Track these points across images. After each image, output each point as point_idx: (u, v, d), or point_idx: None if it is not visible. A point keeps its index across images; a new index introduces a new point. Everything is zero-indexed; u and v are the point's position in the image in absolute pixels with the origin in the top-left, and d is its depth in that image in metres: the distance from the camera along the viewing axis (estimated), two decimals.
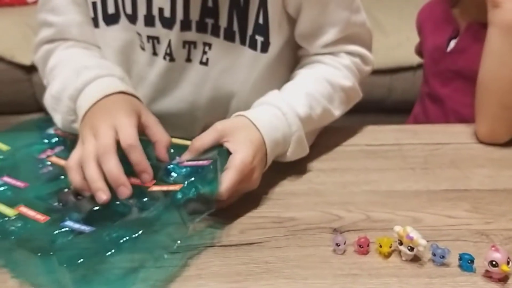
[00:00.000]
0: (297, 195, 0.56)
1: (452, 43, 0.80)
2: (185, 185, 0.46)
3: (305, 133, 0.58)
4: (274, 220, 0.52)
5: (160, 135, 0.52)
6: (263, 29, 0.61)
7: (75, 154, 0.49)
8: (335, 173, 0.60)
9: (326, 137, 0.66)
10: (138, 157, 0.48)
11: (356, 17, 0.65)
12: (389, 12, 1.29)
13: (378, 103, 1.24)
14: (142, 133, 0.52)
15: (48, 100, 0.61)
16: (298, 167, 0.60)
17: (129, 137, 0.49)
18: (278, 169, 0.58)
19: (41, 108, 1.34)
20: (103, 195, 0.46)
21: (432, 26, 0.84)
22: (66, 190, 0.49)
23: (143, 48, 0.64)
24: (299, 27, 0.64)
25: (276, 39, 0.62)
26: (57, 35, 0.66)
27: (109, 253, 0.39)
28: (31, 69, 1.29)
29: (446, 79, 0.81)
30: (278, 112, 0.57)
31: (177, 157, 0.52)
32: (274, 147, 0.55)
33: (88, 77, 0.57)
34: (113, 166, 0.46)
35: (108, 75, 0.59)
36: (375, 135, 0.69)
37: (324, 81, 0.63)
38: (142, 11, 0.61)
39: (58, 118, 0.60)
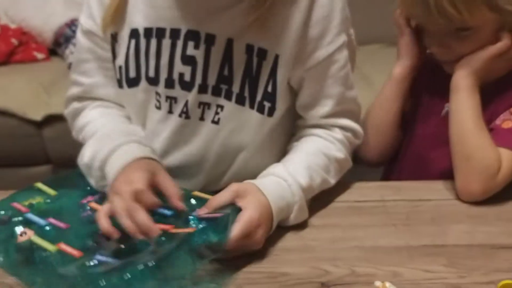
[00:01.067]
0: (290, 251, 0.62)
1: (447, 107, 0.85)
2: (198, 229, 0.56)
3: (306, 200, 0.67)
4: (269, 275, 0.57)
5: (171, 190, 0.62)
6: (271, 96, 0.70)
7: (105, 207, 0.61)
8: (326, 229, 0.67)
9: (321, 193, 0.72)
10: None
11: (349, 93, 0.74)
12: (379, 69, 1.36)
13: None
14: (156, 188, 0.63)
15: (82, 166, 0.71)
16: (296, 224, 0.66)
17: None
18: (277, 226, 0.64)
19: (49, 161, 1.43)
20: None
21: (428, 89, 0.88)
22: (100, 232, 0.59)
23: (158, 107, 0.72)
24: (300, 98, 0.73)
25: (281, 105, 0.71)
26: (85, 93, 0.77)
27: (127, 277, 0.50)
28: (42, 124, 1.37)
29: (438, 143, 0.84)
30: (284, 183, 0.66)
31: (197, 209, 0.61)
32: (279, 213, 0.64)
33: (111, 148, 0.68)
34: (143, 218, 0.57)
35: (128, 142, 0.69)
36: (362, 191, 0.75)
37: (321, 154, 0.71)
38: (164, 75, 0.70)
39: (92, 181, 0.70)
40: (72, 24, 1.62)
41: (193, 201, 0.63)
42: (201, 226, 0.56)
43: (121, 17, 0.70)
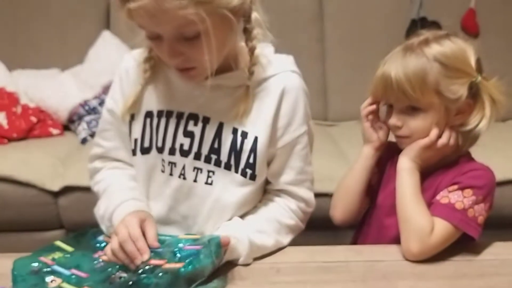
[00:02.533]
0: None
1: None
2: (185, 263, 0.76)
3: (263, 248, 0.89)
4: None
5: (150, 233, 0.83)
6: (252, 165, 0.89)
7: (113, 245, 0.82)
8: (298, 285, 0.82)
9: (295, 254, 0.90)
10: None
11: (307, 167, 0.95)
12: (353, 145, 1.55)
13: None
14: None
15: (98, 216, 0.94)
16: (273, 281, 0.83)
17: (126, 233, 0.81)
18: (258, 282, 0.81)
19: (62, 226, 1.56)
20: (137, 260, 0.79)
21: (388, 166, 1.04)
22: (113, 275, 0.78)
23: (163, 171, 0.92)
24: (270, 168, 0.93)
25: (260, 173, 0.91)
26: (104, 154, 0.99)
27: None
28: (58, 194, 1.50)
29: (394, 211, 0.95)
30: (239, 240, 0.87)
31: (181, 244, 0.80)
32: (231, 255, 0.85)
33: (116, 204, 0.89)
34: (130, 248, 0.79)
35: (128, 199, 0.90)
36: (330, 253, 0.92)
37: (275, 221, 0.92)
38: (168, 145, 0.91)
39: (103, 227, 0.92)
40: (85, 104, 1.82)
41: (181, 245, 0.82)
42: (186, 261, 0.76)
43: (138, 103, 0.92)
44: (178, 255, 0.78)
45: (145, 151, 0.92)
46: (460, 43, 0.92)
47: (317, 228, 1.07)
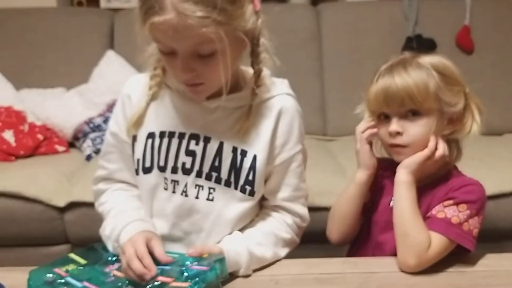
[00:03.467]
0: None
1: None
2: (192, 283, 0.78)
3: (262, 259, 0.93)
4: None
5: (158, 251, 0.85)
6: (251, 182, 0.93)
7: (123, 263, 0.85)
8: None
9: (294, 266, 0.94)
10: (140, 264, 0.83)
11: (302, 184, 0.99)
12: (352, 159, 1.59)
13: None
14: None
15: (104, 236, 0.96)
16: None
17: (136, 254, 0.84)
18: None
19: (68, 241, 1.58)
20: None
21: (381, 185, 1.06)
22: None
23: (165, 189, 0.95)
24: (267, 185, 0.97)
25: (259, 189, 0.95)
26: (108, 175, 1.02)
27: None
28: (64, 209, 1.53)
29: (388, 228, 0.99)
30: (240, 254, 0.91)
31: (188, 263, 0.83)
32: (232, 267, 0.89)
33: (123, 225, 0.92)
34: (137, 266, 0.82)
35: (134, 220, 0.92)
36: (327, 266, 0.95)
37: (272, 234, 0.96)
38: (171, 164, 0.94)
39: (110, 247, 0.95)
40: (90, 122, 1.86)
41: (188, 263, 0.85)
42: (193, 281, 0.79)
43: (140, 123, 0.96)
44: (186, 274, 0.81)
45: (147, 170, 0.96)
46: (444, 59, 0.98)
47: (315, 241, 1.10)
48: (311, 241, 1.06)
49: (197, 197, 0.94)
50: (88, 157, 1.79)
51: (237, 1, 0.81)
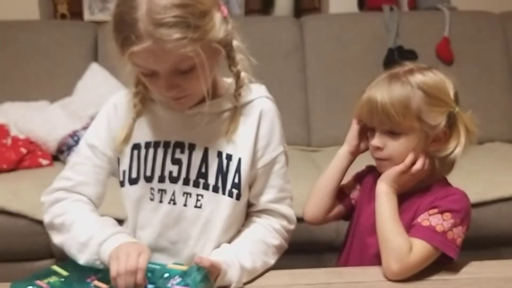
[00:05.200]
0: None
1: None
2: None
3: (252, 271, 0.93)
4: None
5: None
6: (237, 185, 0.95)
7: (113, 270, 0.83)
8: None
9: (280, 278, 0.95)
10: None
11: (286, 185, 1.01)
12: None
13: (329, 244, 1.51)
14: None
15: (72, 244, 0.92)
16: None
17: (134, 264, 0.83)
18: None
19: (52, 255, 1.57)
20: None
21: (368, 190, 1.09)
22: None
23: (152, 199, 0.96)
24: (252, 189, 0.98)
25: (244, 192, 0.96)
26: (72, 188, 0.98)
27: None
28: None
29: (374, 231, 1.00)
30: (231, 266, 0.90)
31: (172, 280, 0.83)
32: (221, 280, 0.88)
33: (107, 234, 0.90)
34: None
35: (119, 232, 0.92)
36: (313, 276, 0.96)
37: (261, 242, 0.96)
38: (157, 173, 0.95)
39: (81, 257, 0.90)
40: (74, 135, 1.85)
41: (166, 275, 0.85)
42: None
43: (128, 139, 0.96)
44: None
45: (133, 181, 0.96)
46: (441, 76, 0.99)
47: (301, 252, 1.12)
48: (296, 251, 1.06)
49: (185, 205, 0.95)
50: None
51: (207, 14, 0.83)
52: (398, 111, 0.95)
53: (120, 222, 1.03)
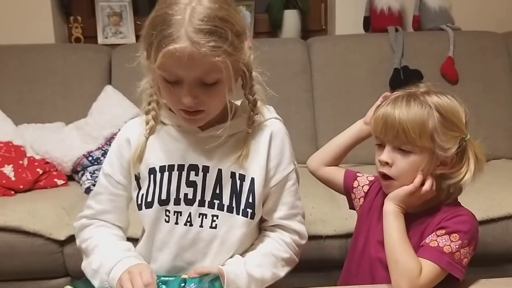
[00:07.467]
0: None
1: None
2: None
3: (260, 281, 0.96)
4: None
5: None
6: (251, 205, 0.98)
7: None
8: None
9: None
10: None
11: (298, 202, 1.04)
12: None
13: (336, 262, 1.52)
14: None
15: (89, 270, 0.98)
16: None
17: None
18: None
19: (67, 274, 1.60)
20: None
21: (377, 208, 1.11)
22: None
23: (167, 221, 0.99)
24: (265, 206, 1.02)
25: (258, 211, 0.99)
26: (94, 215, 1.04)
27: None
28: (64, 243, 1.55)
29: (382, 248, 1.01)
30: (240, 277, 0.94)
31: (184, 285, 0.88)
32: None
33: (114, 262, 0.95)
34: None
35: (126, 257, 0.96)
36: None
37: (271, 255, 0.99)
38: (173, 196, 0.98)
39: (95, 282, 0.97)
40: (88, 156, 1.90)
41: (182, 284, 0.89)
42: None
43: (142, 157, 1.00)
44: None
45: (149, 205, 1.00)
46: (455, 102, 1.02)
47: (311, 269, 1.14)
48: (306, 269, 1.09)
49: (201, 226, 0.98)
50: (87, 190, 1.81)
51: (241, 36, 0.89)
52: (415, 128, 0.97)
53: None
